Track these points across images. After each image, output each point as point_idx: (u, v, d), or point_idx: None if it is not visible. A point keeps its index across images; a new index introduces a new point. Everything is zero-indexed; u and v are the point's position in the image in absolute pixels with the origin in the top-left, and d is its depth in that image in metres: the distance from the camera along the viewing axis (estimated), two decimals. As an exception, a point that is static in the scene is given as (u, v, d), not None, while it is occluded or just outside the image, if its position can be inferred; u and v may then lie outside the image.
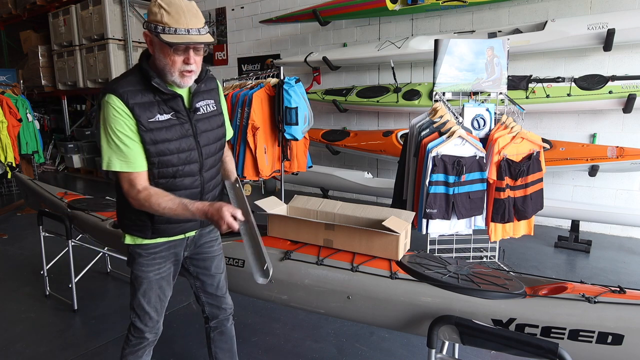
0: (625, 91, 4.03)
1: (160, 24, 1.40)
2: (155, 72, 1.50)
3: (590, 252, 4.08)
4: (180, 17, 1.41)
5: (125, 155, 1.48)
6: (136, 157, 1.49)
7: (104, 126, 1.47)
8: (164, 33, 1.40)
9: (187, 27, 1.42)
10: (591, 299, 1.52)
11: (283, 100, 3.94)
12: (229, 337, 1.98)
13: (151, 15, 1.43)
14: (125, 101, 1.45)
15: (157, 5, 1.41)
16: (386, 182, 5.04)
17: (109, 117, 1.45)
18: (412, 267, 1.80)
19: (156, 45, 1.46)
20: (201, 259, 1.83)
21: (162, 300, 1.73)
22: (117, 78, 1.53)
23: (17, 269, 3.83)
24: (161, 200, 1.49)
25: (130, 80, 1.50)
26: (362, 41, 5.90)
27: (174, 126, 1.55)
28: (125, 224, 1.67)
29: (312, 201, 2.22)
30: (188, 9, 1.43)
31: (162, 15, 1.40)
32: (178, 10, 1.41)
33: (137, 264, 1.68)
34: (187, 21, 1.42)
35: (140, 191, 1.50)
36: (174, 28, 1.40)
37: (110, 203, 3.08)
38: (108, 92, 1.46)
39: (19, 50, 9.48)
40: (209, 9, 7.51)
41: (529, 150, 3.13)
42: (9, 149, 5.21)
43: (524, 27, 4.62)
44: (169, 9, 1.40)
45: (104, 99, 1.46)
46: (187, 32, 1.42)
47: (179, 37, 1.41)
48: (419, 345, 2.53)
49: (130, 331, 1.74)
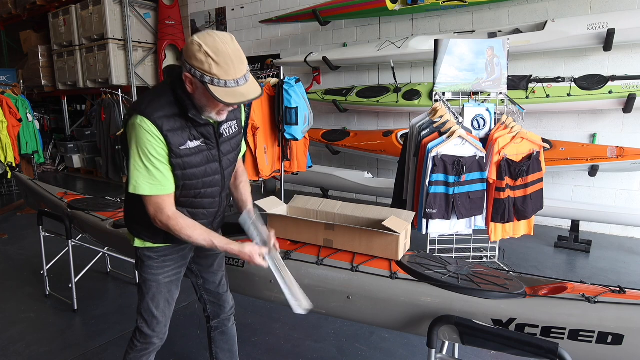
0: (625, 91, 4.03)
1: (209, 74, 1.32)
2: (190, 103, 1.44)
3: (590, 252, 4.08)
4: (230, 68, 1.32)
5: (155, 178, 1.45)
6: (166, 180, 1.47)
7: (135, 148, 1.42)
8: (212, 84, 1.33)
9: (236, 77, 1.34)
10: (591, 299, 1.52)
11: (283, 100, 3.95)
12: (230, 337, 1.98)
13: (196, 61, 1.32)
14: (160, 127, 1.40)
15: (203, 52, 1.31)
16: (386, 182, 5.04)
17: (142, 141, 1.41)
18: (412, 267, 1.80)
19: (199, 89, 1.39)
20: (203, 257, 1.84)
21: (170, 304, 1.73)
22: (149, 99, 1.45)
23: (17, 269, 3.83)
24: (191, 232, 1.50)
25: (163, 104, 1.43)
26: (362, 41, 5.90)
27: (203, 152, 1.53)
28: (136, 229, 1.65)
29: (312, 201, 2.22)
30: (236, 56, 1.34)
31: (210, 66, 1.31)
32: (227, 60, 1.32)
33: (146, 267, 1.66)
34: (236, 71, 1.34)
35: (170, 218, 1.49)
36: (223, 81, 1.33)
37: (110, 203, 3.08)
38: (141, 115, 1.40)
39: (19, 50, 9.49)
40: (209, 9, 7.52)
41: (529, 150, 3.13)
42: (9, 149, 5.21)
43: (524, 27, 4.62)
44: (217, 58, 1.31)
45: (137, 121, 1.41)
46: (236, 83, 1.34)
47: (230, 91, 1.34)
48: (419, 345, 2.53)
49: (135, 336, 1.72)
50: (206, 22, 7.61)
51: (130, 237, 1.69)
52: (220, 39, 1.33)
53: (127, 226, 1.70)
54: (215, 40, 1.32)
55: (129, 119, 1.45)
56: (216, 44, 1.31)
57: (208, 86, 1.33)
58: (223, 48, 1.32)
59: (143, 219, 1.56)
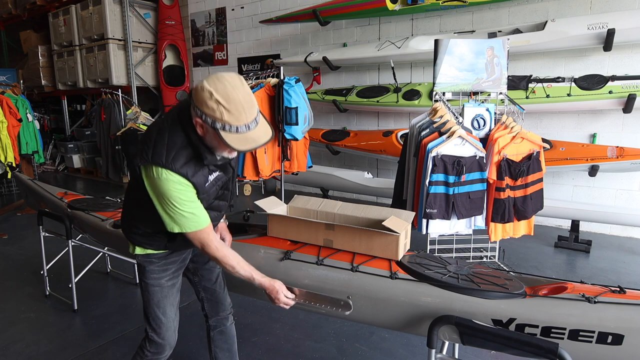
0: (625, 91, 4.02)
1: (220, 121, 1.33)
2: (204, 148, 1.45)
3: (590, 252, 4.08)
4: (241, 115, 1.34)
5: (196, 216, 1.49)
6: (203, 214, 1.52)
7: (167, 199, 1.44)
8: (223, 130, 1.34)
9: (247, 122, 1.36)
10: (591, 299, 1.51)
11: (283, 100, 3.95)
12: (229, 337, 1.98)
13: (207, 108, 1.33)
14: (186, 176, 1.43)
15: (214, 100, 1.31)
16: (386, 182, 5.04)
17: (173, 191, 1.43)
18: (412, 267, 1.80)
19: (210, 133, 1.40)
20: (199, 254, 1.84)
21: (176, 308, 1.75)
22: (165, 147, 1.43)
23: (17, 269, 3.83)
24: (235, 263, 1.57)
25: (180, 151, 1.43)
26: (362, 41, 5.90)
27: (221, 179, 1.61)
28: (137, 239, 1.66)
29: (312, 201, 2.22)
30: (246, 101, 1.35)
31: (221, 113, 1.32)
32: (238, 107, 1.33)
33: (148, 272, 1.68)
34: (247, 116, 1.35)
35: (218, 249, 1.55)
36: (235, 126, 1.34)
37: (110, 203, 3.07)
38: (165, 169, 1.41)
39: (19, 50, 9.49)
40: (209, 9, 7.52)
41: (529, 150, 3.13)
42: (9, 149, 5.21)
43: (524, 27, 4.62)
44: (228, 106, 1.31)
45: (163, 175, 1.41)
46: (247, 128, 1.36)
47: (241, 137, 1.36)
48: (419, 345, 2.53)
49: (145, 346, 1.72)
50: (206, 22, 7.62)
51: (130, 247, 1.70)
52: (231, 85, 1.33)
53: (127, 236, 1.70)
54: (225, 87, 1.32)
55: (149, 169, 1.44)
56: (227, 91, 1.32)
57: (220, 132, 1.35)
58: (234, 94, 1.32)
59: (143, 224, 1.60)
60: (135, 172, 1.52)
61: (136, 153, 1.48)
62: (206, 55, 7.75)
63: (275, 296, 1.64)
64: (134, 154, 1.51)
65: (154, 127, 1.50)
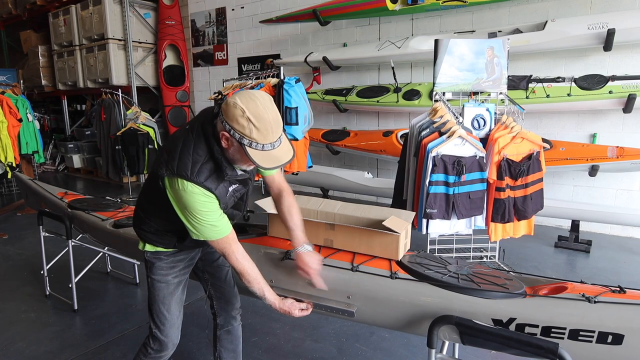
0: (625, 91, 4.02)
1: (248, 138, 1.37)
2: (226, 162, 1.50)
3: (590, 252, 4.08)
4: (269, 134, 1.38)
5: (217, 227, 1.54)
6: (227, 223, 1.57)
7: (190, 211, 1.48)
8: (250, 147, 1.39)
9: (273, 141, 1.40)
10: (591, 298, 1.51)
11: (283, 100, 3.95)
12: (235, 337, 2.00)
13: (237, 124, 1.37)
14: (210, 190, 1.48)
15: (245, 118, 1.36)
16: (386, 182, 5.04)
17: (196, 203, 1.47)
18: (412, 267, 1.79)
19: (234, 147, 1.44)
20: (209, 252, 1.87)
21: (180, 306, 1.77)
22: (191, 162, 1.47)
23: (17, 269, 3.83)
24: (252, 278, 1.61)
25: (203, 164, 1.48)
26: (362, 41, 5.90)
27: (239, 191, 1.66)
28: (147, 237, 1.69)
29: (312, 201, 2.22)
30: (274, 121, 1.40)
31: (250, 131, 1.36)
32: (267, 126, 1.37)
33: (156, 268, 1.71)
34: (273, 135, 1.40)
35: (239, 261, 1.59)
36: (261, 144, 1.39)
37: (110, 203, 3.07)
38: (189, 182, 1.45)
39: (19, 50, 9.49)
40: (209, 9, 7.52)
41: (529, 150, 3.13)
42: (9, 149, 5.21)
43: (524, 27, 4.61)
44: (258, 124, 1.36)
45: (188, 188, 1.45)
46: (272, 146, 1.41)
47: (266, 154, 1.40)
48: (419, 345, 2.53)
49: (149, 343, 1.74)
50: (206, 22, 7.62)
51: (140, 243, 1.73)
52: (262, 105, 1.38)
53: (138, 233, 1.73)
54: (257, 106, 1.37)
55: (173, 181, 1.47)
56: (258, 110, 1.36)
57: (246, 148, 1.39)
58: (264, 114, 1.37)
59: (155, 222, 1.64)
60: (154, 175, 1.55)
61: (159, 162, 1.51)
62: (206, 55, 7.76)
63: (290, 313, 1.68)
64: (157, 162, 1.54)
65: (179, 139, 1.52)
